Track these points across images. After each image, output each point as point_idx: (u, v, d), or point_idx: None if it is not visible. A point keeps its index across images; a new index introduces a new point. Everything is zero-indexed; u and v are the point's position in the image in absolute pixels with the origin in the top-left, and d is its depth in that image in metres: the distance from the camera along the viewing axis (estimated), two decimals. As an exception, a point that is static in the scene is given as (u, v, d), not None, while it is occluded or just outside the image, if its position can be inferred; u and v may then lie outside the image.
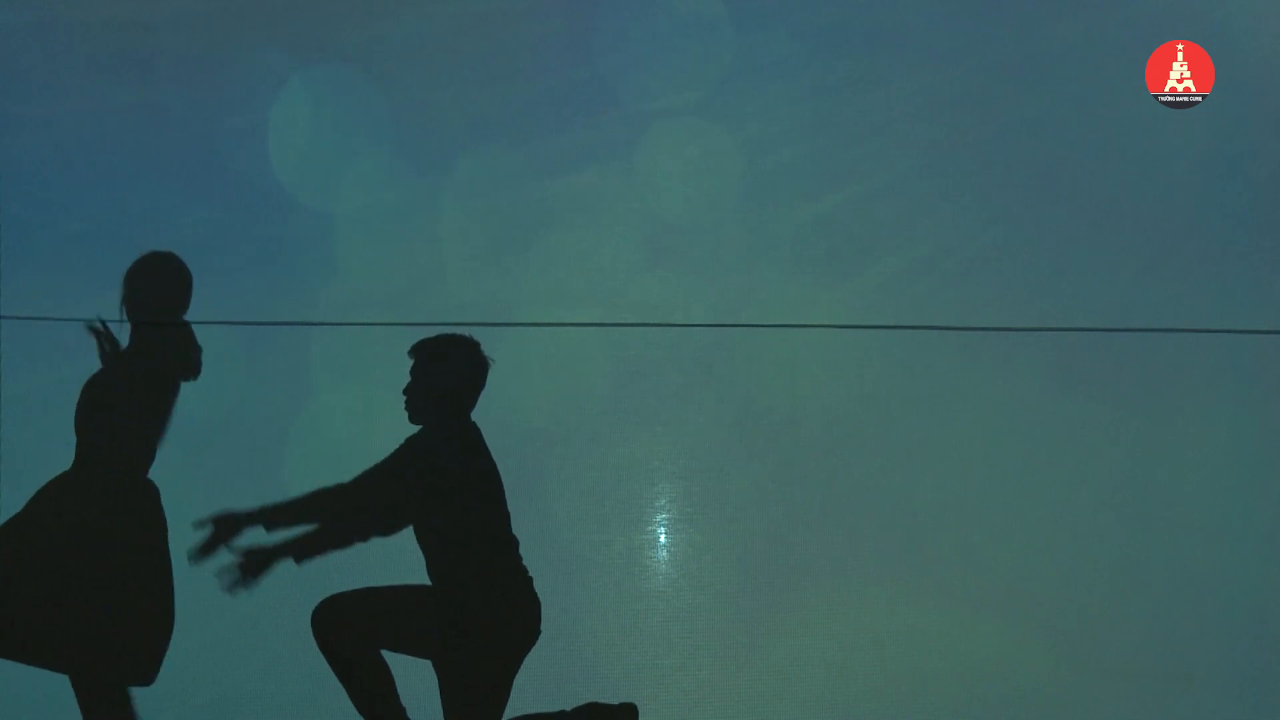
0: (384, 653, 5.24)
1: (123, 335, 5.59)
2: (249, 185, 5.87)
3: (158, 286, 5.63)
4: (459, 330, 5.43)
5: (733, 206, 5.84)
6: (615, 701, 5.38)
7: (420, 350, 5.38)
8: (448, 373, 5.36)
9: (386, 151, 5.88)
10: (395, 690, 5.22)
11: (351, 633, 5.16)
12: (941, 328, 5.72)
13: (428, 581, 5.29)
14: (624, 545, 5.67)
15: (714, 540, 5.67)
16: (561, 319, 5.73)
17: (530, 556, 5.38)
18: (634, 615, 5.64)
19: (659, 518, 5.68)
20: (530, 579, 5.28)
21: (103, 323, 5.56)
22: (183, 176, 5.87)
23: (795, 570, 5.64)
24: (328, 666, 5.23)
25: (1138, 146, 5.78)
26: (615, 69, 5.86)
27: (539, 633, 5.28)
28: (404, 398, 5.35)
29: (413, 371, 5.37)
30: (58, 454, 5.60)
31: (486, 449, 5.34)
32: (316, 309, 5.66)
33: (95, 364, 5.62)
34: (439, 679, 5.25)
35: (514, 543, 5.30)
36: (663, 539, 5.68)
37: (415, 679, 5.26)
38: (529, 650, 5.26)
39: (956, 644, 5.58)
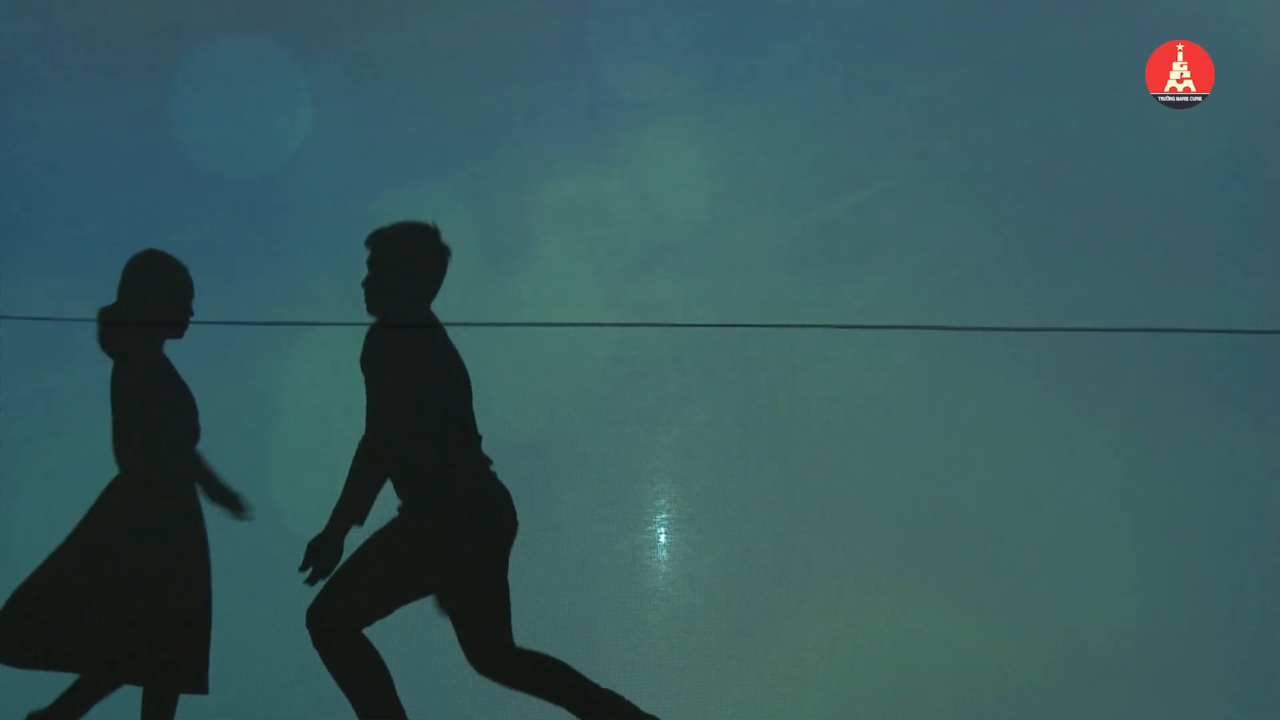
0: (383, 657, 5.22)
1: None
2: (249, 187, 5.88)
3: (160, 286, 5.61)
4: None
5: (733, 207, 5.84)
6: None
7: (377, 238, 5.32)
8: (407, 259, 5.30)
9: (387, 153, 5.89)
10: (395, 691, 5.19)
11: (350, 615, 5.10)
12: (942, 328, 5.72)
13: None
14: (624, 545, 5.66)
15: (714, 540, 5.67)
16: (561, 319, 5.73)
17: (531, 557, 5.37)
18: (634, 615, 5.63)
19: (659, 518, 5.68)
20: (494, 471, 5.20)
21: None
22: (183, 178, 5.88)
23: (796, 570, 5.64)
24: (327, 672, 5.22)
25: (1138, 146, 5.78)
26: (615, 70, 5.87)
27: (516, 523, 5.23)
28: (361, 290, 5.29)
29: (369, 262, 5.31)
30: (58, 454, 5.61)
31: (449, 341, 5.27)
32: (316, 309, 5.66)
33: (95, 366, 5.63)
34: (440, 605, 5.18)
35: (478, 439, 5.21)
36: (663, 539, 5.67)
37: (415, 679, 5.26)
38: (511, 541, 5.19)
39: (958, 644, 5.57)
